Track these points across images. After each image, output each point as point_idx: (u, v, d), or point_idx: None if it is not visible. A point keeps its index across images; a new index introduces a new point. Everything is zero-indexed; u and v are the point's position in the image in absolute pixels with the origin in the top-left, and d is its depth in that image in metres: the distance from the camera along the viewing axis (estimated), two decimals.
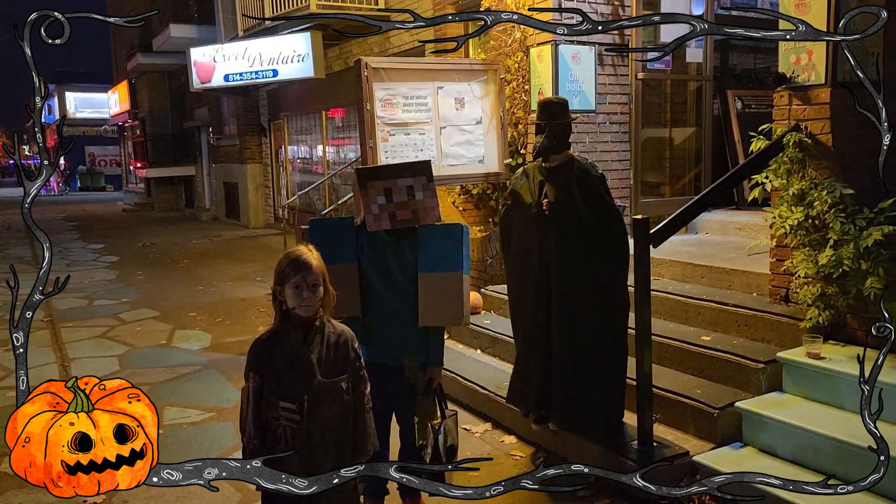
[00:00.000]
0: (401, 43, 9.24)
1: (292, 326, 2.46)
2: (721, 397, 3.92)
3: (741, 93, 7.30)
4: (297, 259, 2.44)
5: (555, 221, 3.80)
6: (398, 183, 3.13)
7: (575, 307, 3.80)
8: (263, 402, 2.41)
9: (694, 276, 5.04)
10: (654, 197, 6.55)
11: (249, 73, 11.77)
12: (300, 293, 2.41)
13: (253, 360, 2.45)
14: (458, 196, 7.39)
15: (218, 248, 13.36)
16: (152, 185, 23.19)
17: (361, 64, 5.41)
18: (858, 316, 3.91)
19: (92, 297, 9.16)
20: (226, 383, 5.62)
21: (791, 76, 4.16)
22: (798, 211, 3.99)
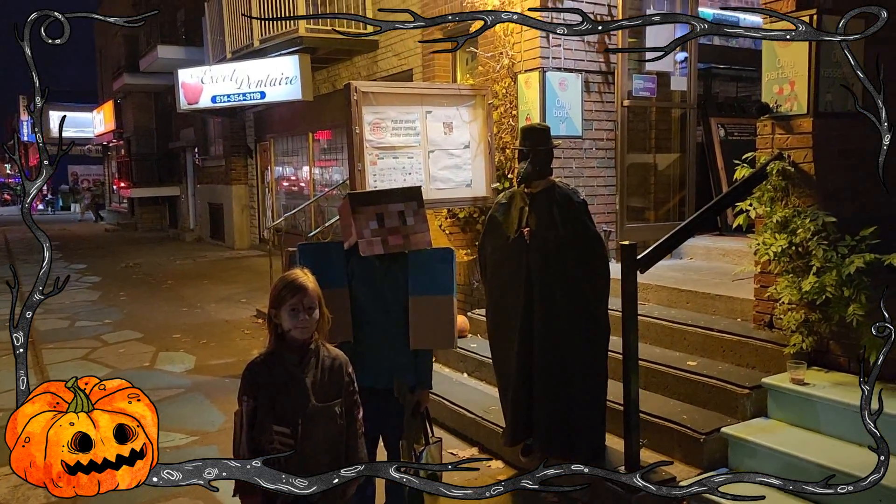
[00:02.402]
0: (389, 67, 9.31)
1: (287, 349, 2.46)
2: (707, 423, 3.94)
3: (724, 120, 7.43)
4: (294, 282, 2.46)
5: (536, 248, 3.81)
6: (390, 208, 3.16)
7: (557, 334, 3.80)
8: (257, 426, 2.40)
9: (679, 301, 5.08)
10: (640, 222, 6.61)
11: (237, 94, 11.80)
12: (297, 315, 2.42)
13: (247, 383, 2.44)
14: (446, 219, 7.42)
15: (202, 269, 13.28)
16: (136, 205, 23.07)
17: (351, 88, 5.45)
18: (841, 342, 3.96)
19: (74, 319, 9.06)
20: (210, 406, 5.57)
21: (774, 106, 4.25)
22: (782, 238, 4.04)
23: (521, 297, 3.86)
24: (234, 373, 6.25)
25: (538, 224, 3.82)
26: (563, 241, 3.76)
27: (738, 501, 2.03)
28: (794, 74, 4.13)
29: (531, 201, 3.89)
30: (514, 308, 3.91)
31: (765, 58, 4.32)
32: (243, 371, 2.48)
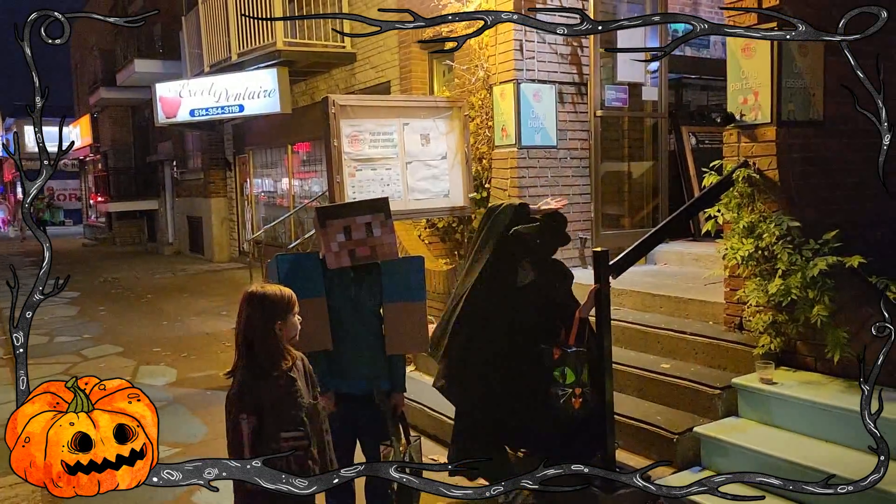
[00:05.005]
0: (366, 80, 9.40)
1: (274, 358, 2.53)
2: (680, 423, 4.05)
3: (695, 129, 7.60)
4: (288, 292, 2.60)
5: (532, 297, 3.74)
6: (357, 220, 3.25)
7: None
8: (263, 439, 2.44)
9: (653, 305, 5.20)
10: (615, 229, 6.74)
11: (216, 108, 11.81)
12: (296, 322, 2.60)
13: (247, 401, 2.47)
14: (424, 230, 7.50)
15: (182, 283, 13.23)
16: (114, 220, 22.86)
17: (329, 101, 5.53)
18: (808, 342, 4.09)
19: (53, 334, 9.00)
20: (192, 418, 5.59)
21: (739, 115, 4.39)
22: (748, 243, 4.17)
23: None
24: (216, 385, 6.27)
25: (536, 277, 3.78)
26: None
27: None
28: (758, 84, 4.27)
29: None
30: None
31: (729, 68, 4.47)
32: (234, 392, 2.50)
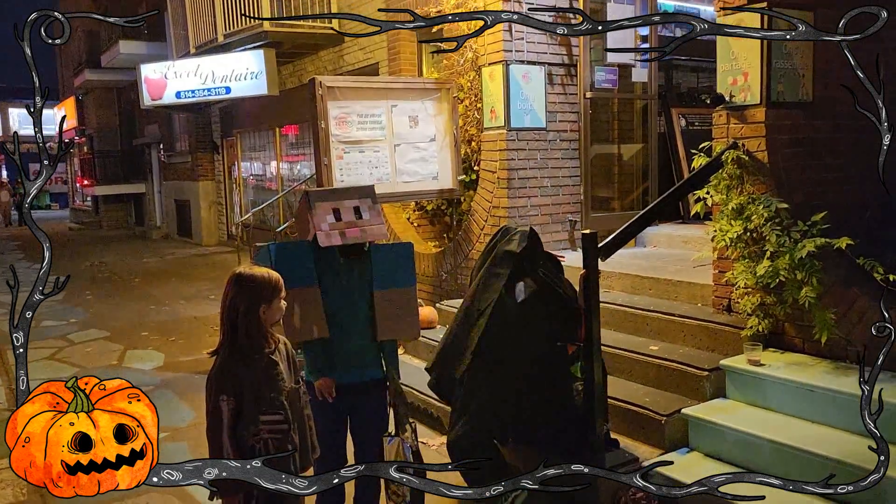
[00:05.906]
0: (354, 61, 9.31)
1: (256, 341, 2.50)
2: (668, 405, 4.06)
3: (685, 111, 7.58)
4: (276, 276, 2.57)
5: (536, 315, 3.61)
6: (345, 204, 3.30)
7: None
8: (241, 422, 2.43)
9: (642, 287, 5.20)
10: (605, 211, 6.73)
11: (202, 90, 11.68)
12: (281, 305, 2.57)
13: (225, 382, 2.45)
14: (413, 212, 7.47)
15: (170, 267, 13.16)
16: (100, 203, 22.68)
17: (316, 83, 5.46)
18: (796, 324, 4.11)
19: (39, 319, 8.92)
20: (180, 403, 5.57)
21: (729, 96, 4.37)
22: (737, 224, 4.17)
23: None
24: (203, 369, 6.21)
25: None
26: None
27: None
28: (748, 66, 4.25)
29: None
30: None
31: (719, 49, 4.44)
32: (215, 373, 2.49)
